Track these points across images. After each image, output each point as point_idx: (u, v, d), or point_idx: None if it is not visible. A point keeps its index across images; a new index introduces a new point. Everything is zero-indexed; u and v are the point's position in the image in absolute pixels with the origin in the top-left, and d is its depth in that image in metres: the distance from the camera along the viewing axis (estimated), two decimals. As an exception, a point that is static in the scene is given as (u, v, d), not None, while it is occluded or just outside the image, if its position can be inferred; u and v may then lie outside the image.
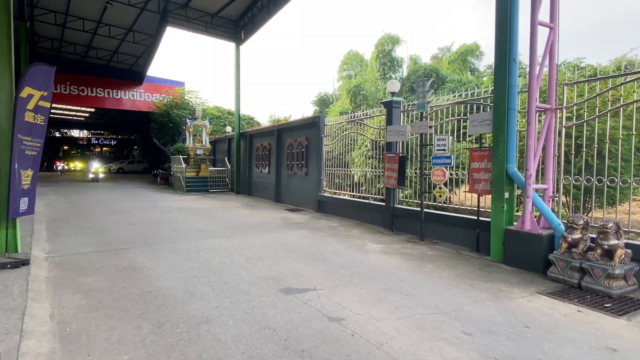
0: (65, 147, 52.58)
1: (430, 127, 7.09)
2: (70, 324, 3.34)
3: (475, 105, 7.00)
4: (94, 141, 56.91)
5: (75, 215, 9.61)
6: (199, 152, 18.39)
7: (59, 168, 34.89)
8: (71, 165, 42.37)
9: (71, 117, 41.74)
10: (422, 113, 7.27)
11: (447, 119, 7.51)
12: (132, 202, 12.73)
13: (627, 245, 4.39)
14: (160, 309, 3.68)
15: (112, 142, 57.61)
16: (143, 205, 12.05)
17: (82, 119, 43.35)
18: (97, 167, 24.93)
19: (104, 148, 57.64)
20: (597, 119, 5.29)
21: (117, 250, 6.03)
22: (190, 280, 4.57)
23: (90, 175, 23.88)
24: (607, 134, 5.16)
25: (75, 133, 56.50)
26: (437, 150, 6.89)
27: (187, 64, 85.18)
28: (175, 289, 4.24)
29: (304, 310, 3.69)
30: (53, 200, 12.57)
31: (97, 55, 23.88)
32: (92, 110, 35.05)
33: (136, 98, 27.95)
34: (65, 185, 19.92)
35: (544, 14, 5.43)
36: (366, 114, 9.68)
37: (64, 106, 30.78)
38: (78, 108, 34.45)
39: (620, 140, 5.04)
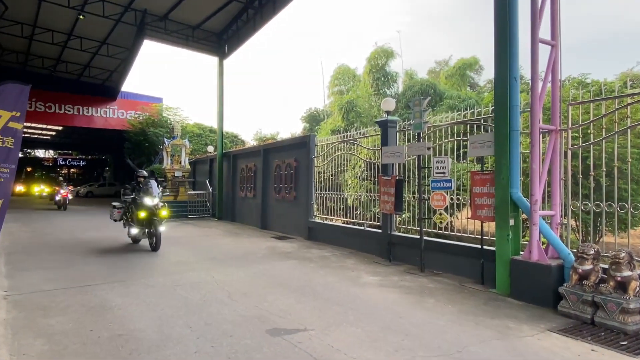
0: (29, 169, 51.86)
1: (429, 148, 7.21)
2: (30, 374, 3.24)
3: (475, 125, 7.15)
4: (60, 162, 56.41)
5: (39, 246, 9.42)
6: (177, 174, 18.30)
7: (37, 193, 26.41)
8: (35, 189, 32.26)
9: (36, 136, 41.44)
10: (419, 133, 7.40)
11: (447, 140, 7.64)
12: (102, 231, 12.51)
13: (641, 277, 4.44)
14: (133, 355, 3.59)
15: (81, 163, 57.23)
16: (114, 234, 11.85)
17: (49, 137, 43.11)
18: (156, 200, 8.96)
19: (72, 169, 57.09)
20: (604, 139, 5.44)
21: (85, 286, 5.90)
22: (166, 320, 4.49)
23: (134, 232, 9.46)
24: (616, 154, 5.28)
25: (39, 153, 56.01)
26: (437, 173, 6.98)
27: (166, 79, 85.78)
28: (150, 331, 4.15)
29: (293, 354, 3.63)
30: (13, 229, 12.32)
31: (67, 70, 23.95)
32: (60, 128, 34.87)
33: (109, 115, 27.97)
34: (24, 211, 19.55)
35: (544, 31, 5.65)
36: (360, 134, 9.81)
37: (28, 124, 30.55)
38: (44, 126, 34.17)
39: (629, 162, 5.18)
